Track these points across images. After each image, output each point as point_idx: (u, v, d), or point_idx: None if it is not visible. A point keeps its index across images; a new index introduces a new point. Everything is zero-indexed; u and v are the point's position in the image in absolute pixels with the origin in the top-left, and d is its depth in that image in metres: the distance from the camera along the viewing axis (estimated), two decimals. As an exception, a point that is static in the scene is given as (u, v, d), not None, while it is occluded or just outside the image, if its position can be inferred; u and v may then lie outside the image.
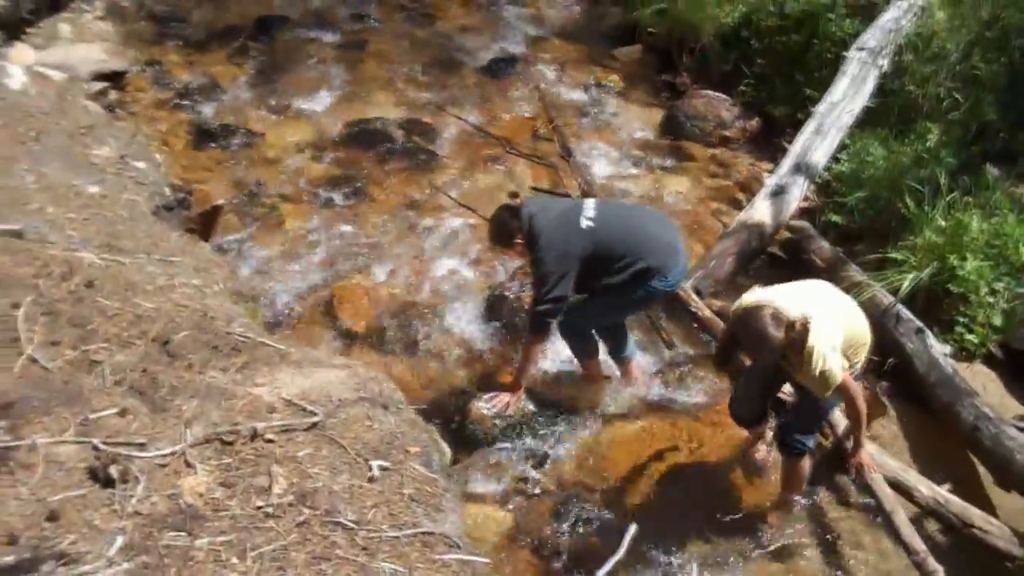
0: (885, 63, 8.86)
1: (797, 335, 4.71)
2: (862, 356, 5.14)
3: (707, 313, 7.02)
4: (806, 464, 5.68)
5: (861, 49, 8.97)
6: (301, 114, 10.02)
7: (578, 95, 10.55)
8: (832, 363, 4.72)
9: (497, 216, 5.91)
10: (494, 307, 7.34)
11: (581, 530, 5.73)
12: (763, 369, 5.58)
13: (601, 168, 9.28)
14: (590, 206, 5.87)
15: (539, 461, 6.17)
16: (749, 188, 8.81)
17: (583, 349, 6.49)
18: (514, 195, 5.75)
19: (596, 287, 5.87)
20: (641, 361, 6.91)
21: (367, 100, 10.29)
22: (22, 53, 9.30)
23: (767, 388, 5.82)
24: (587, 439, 6.37)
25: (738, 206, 8.50)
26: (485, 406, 6.29)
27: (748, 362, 5.51)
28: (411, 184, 8.89)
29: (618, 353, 6.62)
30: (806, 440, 5.51)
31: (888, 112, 8.69)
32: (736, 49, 10.24)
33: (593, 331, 6.43)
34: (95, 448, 3.68)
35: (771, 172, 8.60)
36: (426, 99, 10.40)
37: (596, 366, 6.64)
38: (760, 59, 9.95)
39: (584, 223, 5.72)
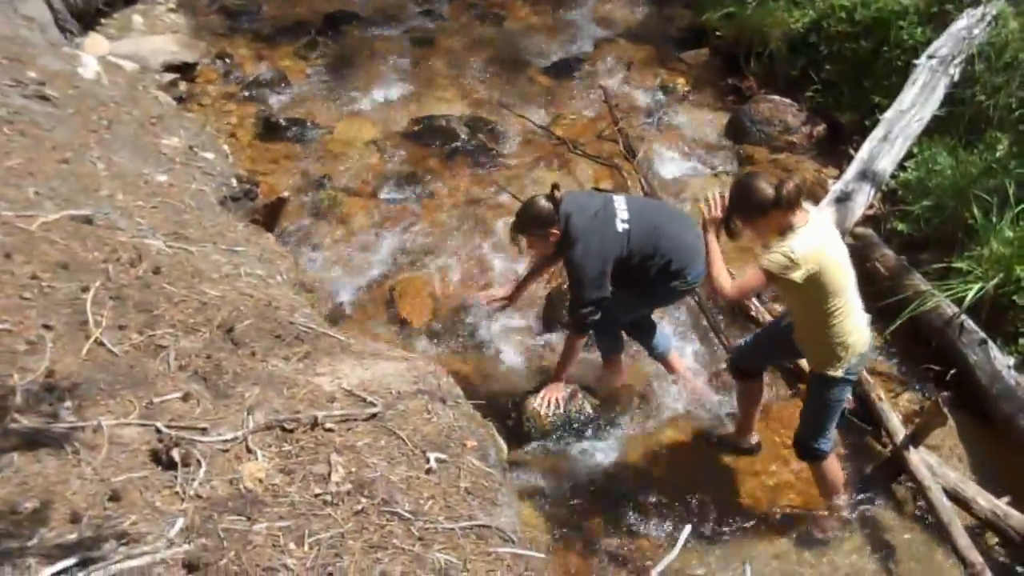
0: (956, 72, 8.73)
1: (786, 198, 4.76)
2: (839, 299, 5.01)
3: (768, 318, 6.98)
4: (831, 466, 5.63)
5: (932, 57, 8.84)
6: (367, 109, 10.09)
7: (644, 97, 10.49)
8: (781, 258, 4.76)
9: (535, 202, 5.74)
10: (552, 306, 7.34)
11: (632, 529, 5.73)
12: (779, 328, 5.59)
13: (665, 170, 9.24)
14: (622, 206, 5.82)
15: (593, 460, 6.18)
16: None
17: (612, 346, 6.53)
18: (555, 187, 5.67)
19: (624, 284, 5.85)
20: (686, 354, 7.02)
21: (433, 97, 10.33)
22: (96, 43, 9.47)
23: (777, 347, 5.79)
24: (642, 439, 6.37)
25: (802, 212, 8.42)
26: (540, 403, 6.30)
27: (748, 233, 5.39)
28: (474, 182, 8.92)
29: (653, 350, 6.63)
30: (819, 443, 5.47)
31: (957, 121, 8.56)
32: (804, 54, 10.12)
33: (620, 330, 6.44)
34: (158, 431, 3.73)
35: (836, 178, 8.50)
36: (491, 97, 10.41)
37: (618, 364, 6.66)
38: (828, 65, 9.83)
39: (620, 226, 5.70)
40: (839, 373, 5.15)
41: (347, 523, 3.50)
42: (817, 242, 4.84)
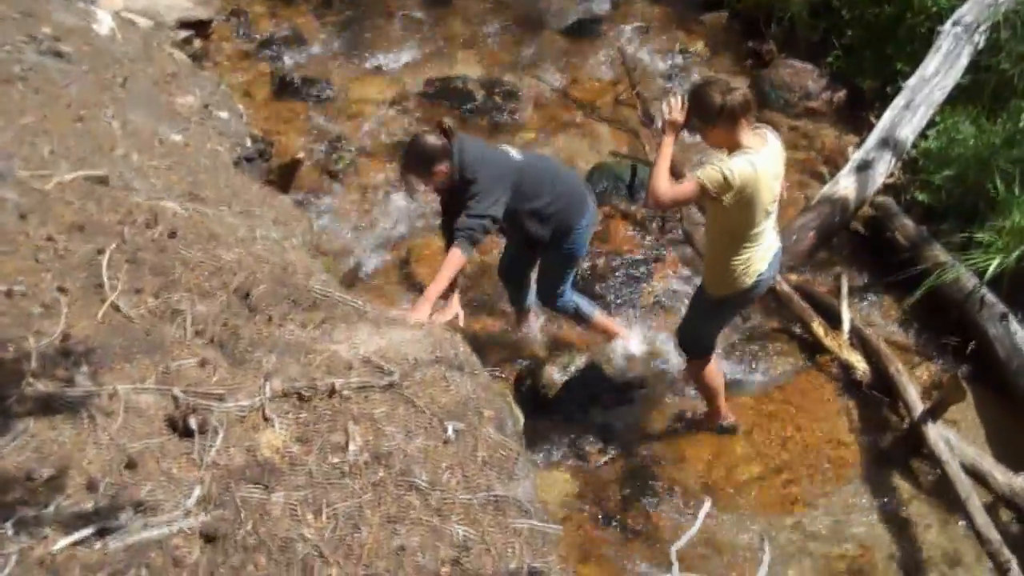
0: (980, 39, 8.61)
1: (728, 106, 4.76)
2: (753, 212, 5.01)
3: (784, 288, 6.92)
4: (712, 369, 5.85)
5: (956, 24, 8.70)
6: (383, 69, 9.97)
7: (662, 60, 10.35)
8: (717, 174, 4.75)
9: (420, 139, 5.57)
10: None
11: (650, 502, 5.71)
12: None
13: (681, 135, 9.13)
14: (514, 150, 5.91)
15: (609, 430, 6.15)
16: (833, 162, 8.62)
17: (583, 309, 6.44)
18: (440, 126, 5.56)
19: (524, 229, 5.85)
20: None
21: (450, 57, 10.22)
22: (110, -2, 9.38)
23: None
24: (657, 412, 6.33)
25: (821, 179, 8.33)
26: (557, 371, 6.26)
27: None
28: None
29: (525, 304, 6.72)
30: (705, 344, 5.71)
31: (981, 90, 8.43)
32: (825, 19, 9.98)
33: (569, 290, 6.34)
34: (175, 398, 3.71)
35: (856, 146, 8.41)
36: (508, 59, 10.28)
37: (600, 323, 6.59)
38: (850, 30, 9.68)
39: (514, 157, 5.75)
40: (726, 294, 5.29)
41: (365, 494, 3.48)
42: (757, 169, 4.80)
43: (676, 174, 5.31)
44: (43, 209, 4.69)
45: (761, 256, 5.17)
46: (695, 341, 5.72)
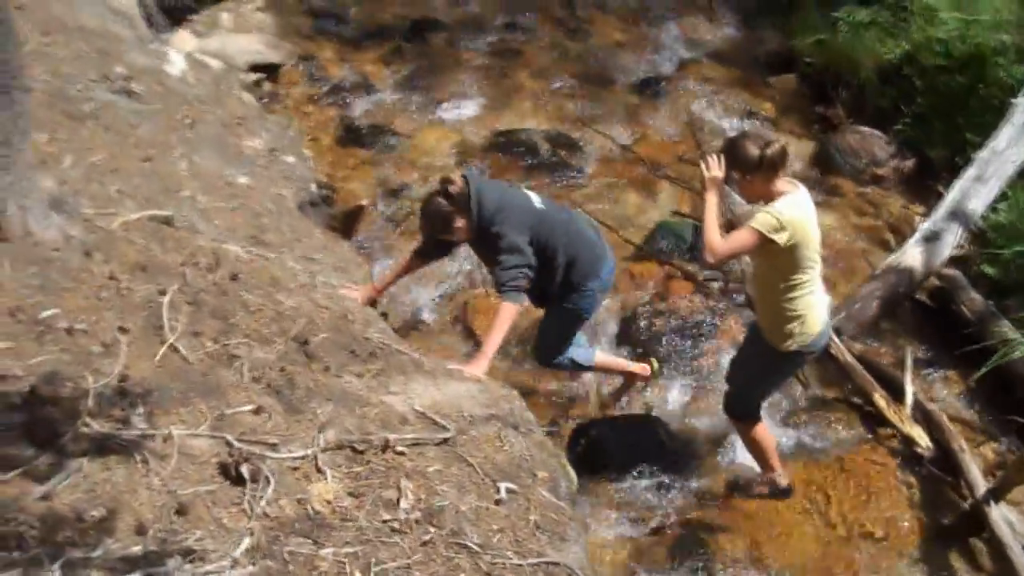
0: (1055, 113, 8.50)
1: (768, 158, 4.85)
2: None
3: (847, 358, 6.80)
4: (762, 432, 5.82)
5: (1029, 96, 8.62)
6: (448, 119, 10.02)
7: (728, 120, 10.32)
8: (770, 218, 4.81)
9: (431, 204, 5.55)
10: (628, 330, 7.23)
11: (702, 571, 5.59)
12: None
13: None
14: (533, 194, 5.83)
15: (662, 493, 6.05)
16: (899, 230, 8.53)
17: (583, 359, 6.29)
18: (447, 182, 5.52)
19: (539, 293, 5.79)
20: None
21: (515, 110, 10.25)
22: (183, 39, 9.52)
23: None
24: (711, 475, 6.23)
25: (886, 248, 8.24)
26: (612, 430, 6.19)
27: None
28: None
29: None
30: (753, 406, 5.71)
31: (1054, 165, 8.34)
32: (896, 86, 9.92)
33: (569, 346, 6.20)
34: (228, 444, 3.68)
35: (923, 216, 8.31)
36: (574, 114, 10.30)
37: (606, 363, 6.52)
38: (920, 98, 9.60)
39: (536, 203, 5.69)
40: (792, 347, 5.22)
41: (414, 553, 3.42)
42: (802, 212, 4.92)
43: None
44: (107, 247, 4.70)
45: (819, 301, 5.22)
46: (747, 401, 5.68)
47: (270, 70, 10.09)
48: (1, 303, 4.07)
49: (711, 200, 5.07)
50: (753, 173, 4.91)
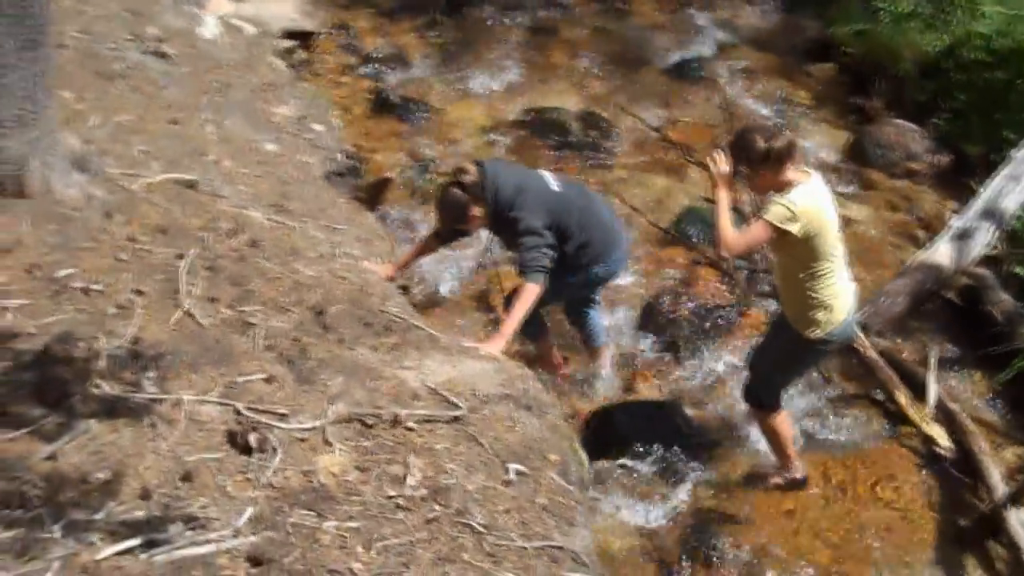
0: (1096, 111, 8.38)
1: (775, 151, 4.81)
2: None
3: (871, 353, 6.72)
4: (782, 422, 5.74)
5: (1070, 94, 8.50)
6: (482, 94, 9.99)
7: (764, 108, 10.22)
8: (783, 209, 4.79)
9: (446, 195, 5.57)
10: (648, 317, 7.18)
11: (712, 562, 5.54)
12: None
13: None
14: (550, 176, 5.83)
15: (675, 480, 5.99)
16: (931, 226, 8.41)
17: (533, 330, 6.23)
18: (460, 170, 5.49)
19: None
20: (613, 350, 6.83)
21: (548, 88, 10.19)
22: (219, 3, 9.48)
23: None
24: (726, 463, 6.17)
25: (917, 243, 8.13)
26: (627, 415, 6.15)
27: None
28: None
29: (592, 344, 6.62)
30: (774, 395, 5.62)
31: (1092, 165, 8.20)
32: (935, 80, 9.80)
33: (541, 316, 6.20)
34: (237, 412, 3.66)
35: (957, 213, 8.18)
36: (607, 94, 10.22)
37: (548, 349, 6.50)
38: (959, 93, 9.48)
39: (554, 185, 5.70)
40: (819, 335, 5.18)
41: (418, 531, 3.39)
42: (815, 201, 4.90)
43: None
44: (129, 208, 4.69)
45: (845, 289, 5.19)
46: (768, 389, 5.62)
47: (304, 38, 10.06)
48: (19, 260, 4.08)
49: (721, 196, 5.03)
50: (762, 166, 4.88)
